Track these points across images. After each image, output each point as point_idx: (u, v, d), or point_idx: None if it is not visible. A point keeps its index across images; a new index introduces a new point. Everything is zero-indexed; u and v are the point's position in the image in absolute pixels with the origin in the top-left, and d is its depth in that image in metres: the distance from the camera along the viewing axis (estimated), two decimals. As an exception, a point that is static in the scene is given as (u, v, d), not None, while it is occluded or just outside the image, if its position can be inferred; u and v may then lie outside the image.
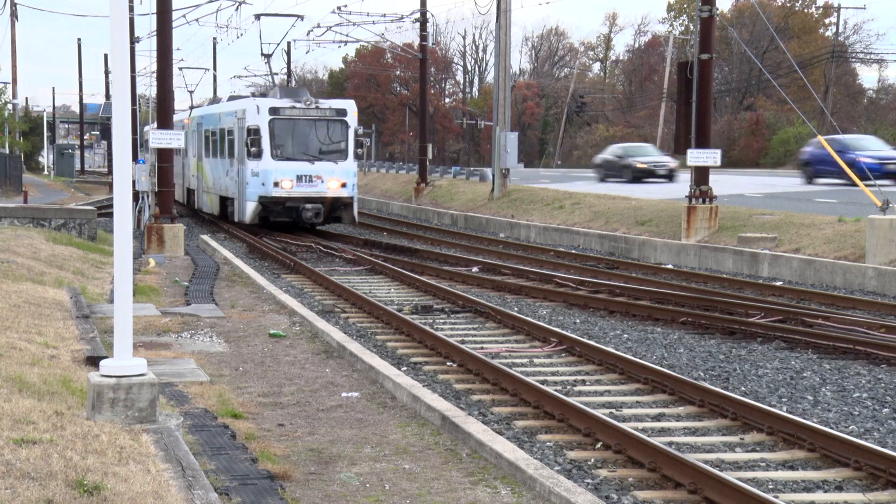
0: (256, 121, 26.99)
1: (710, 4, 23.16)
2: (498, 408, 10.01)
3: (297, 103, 27.27)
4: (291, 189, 26.92)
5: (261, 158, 26.96)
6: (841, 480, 7.80)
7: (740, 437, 8.99)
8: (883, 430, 9.19)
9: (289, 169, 27.00)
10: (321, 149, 27.38)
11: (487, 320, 15.23)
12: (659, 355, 12.59)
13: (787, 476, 7.92)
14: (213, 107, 34.83)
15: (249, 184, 27.37)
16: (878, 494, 7.46)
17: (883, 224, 19.18)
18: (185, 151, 36.84)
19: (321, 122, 27.44)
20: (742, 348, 13.08)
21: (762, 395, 10.52)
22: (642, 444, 8.17)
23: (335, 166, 27.36)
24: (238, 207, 28.44)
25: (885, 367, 11.87)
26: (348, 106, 28.17)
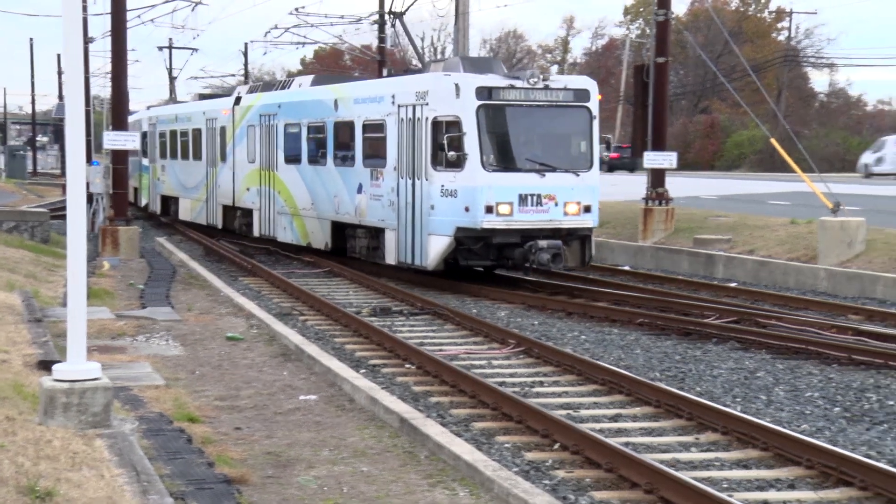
0: (453, 108, 17.31)
1: (666, 8, 23.40)
2: (457, 410, 10.03)
3: (515, 81, 17.53)
4: (511, 216, 17.28)
5: (462, 168, 17.20)
6: (793, 479, 7.91)
7: (696, 437, 9.08)
8: (834, 429, 9.33)
9: (509, 185, 17.28)
10: (555, 153, 17.99)
11: (446, 322, 15.24)
12: (616, 356, 12.68)
13: (741, 475, 8.01)
14: (281, 93, 24.47)
15: (436, 208, 17.55)
16: (829, 492, 7.57)
17: (834, 226, 19.46)
18: (223, 154, 27.35)
19: (555, 111, 17.75)
20: (697, 349, 13.21)
21: (717, 395, 10.63)
22: (599, 445, 8.22)
23: (575, 180, 17.65)
24: (400, 244, 18.51)
25: (836, 366, 12.04)
26: (590, 85, 18.22)
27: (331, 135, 21.35)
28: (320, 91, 22.46)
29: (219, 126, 27.74)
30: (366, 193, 19.69)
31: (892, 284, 17.22)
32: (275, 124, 24.04)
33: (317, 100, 22.26)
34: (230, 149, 26.87)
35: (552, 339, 13.81)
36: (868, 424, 9.53)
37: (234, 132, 26.60)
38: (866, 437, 9.05)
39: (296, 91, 23.84)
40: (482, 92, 17.32)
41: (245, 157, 25.76)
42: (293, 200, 23.07)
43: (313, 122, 22.18)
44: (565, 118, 17.96)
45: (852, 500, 7.42)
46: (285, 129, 23.55)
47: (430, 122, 17.61)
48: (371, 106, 19.69)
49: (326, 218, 21.57)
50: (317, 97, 22.36)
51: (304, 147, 22.63)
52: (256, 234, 25.31)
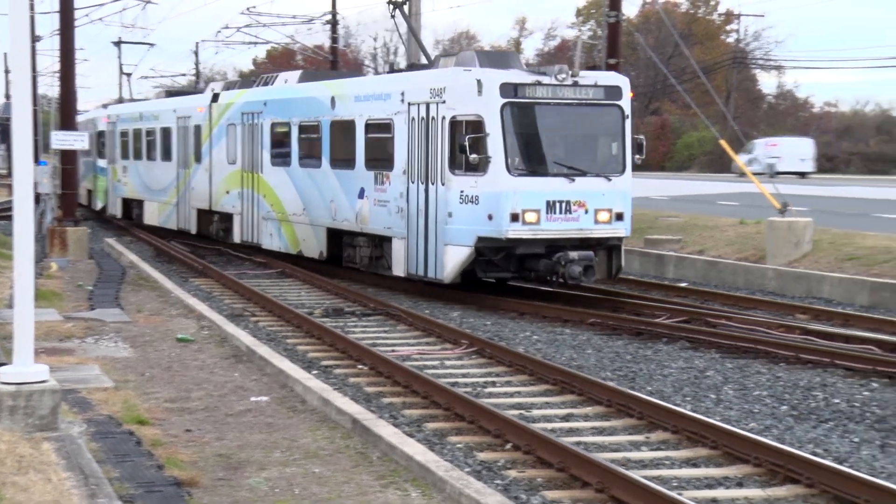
0: (474, 107, 15.74)
1: (617, 10, 23.58)
2: (409, 410, 10.03)
3: (542, 77, 16.05)
4: (538, 224, 15.76)
5: (484, 172, 15.64)
6: (741, 477, 8.01)
7: (646, 436, 9.16)
8: (781, 427, 9.46)
9: (536, 191, 15.76)
10: (585, 156, 16.50)
11: (399, 323, 15.24)
12: (568, 356, 12.76)
13: (690, 473, 8.10)
14: (288, 88, 22.08)
15: (455, 216, 15.99)
16: (776, 490, 7.68)
17: (782, 226, 19.75)
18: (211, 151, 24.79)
19: (585, 110, 16.28)
20: (648, 348, 13.33)
21: (667, 394, 10.74)
22: (551, 445, 8.27)
23: (607, 185, 16.21)
24: (410, 254, 16.96)
25: (783, 365, 12.22)
26: (622, 82, 16.74)
27: (326, 135, 19.72)
28: (314, 88, 20.70)
29: (192, 125, 25.97)
30: (369, 199, 18.08)
31: (838, 284, 17.52)
32: (259, 123, 22.30)
33: (310, 97, 20.44)
34: (206, 149, 25.09)
35: (504, 339, 13.86)
36: (814, 422, 9.68)
37: (210, 131, 24.84)
38: (813, 435, 9.20)
39: (284, 88, 22.18)
40: (507, 89, 15.77)
41: (224, 158, 24.01)
42: (281, 205, 21.40)
43: (306, 121, 20.48)
44: (596, 117, 16.46)
45: (799, 498, 7.53)
46: (272, 128, 21.89)
47: (448, 122, 16.04)
48: (375, 104, 18.10)
49: (321, 224, 19.92)
50: (310, 94, 20.53)
51: (294, 148, 20.96)
52: (237, 240, 23.45)
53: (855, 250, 19.19)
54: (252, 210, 22.75)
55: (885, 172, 63.23)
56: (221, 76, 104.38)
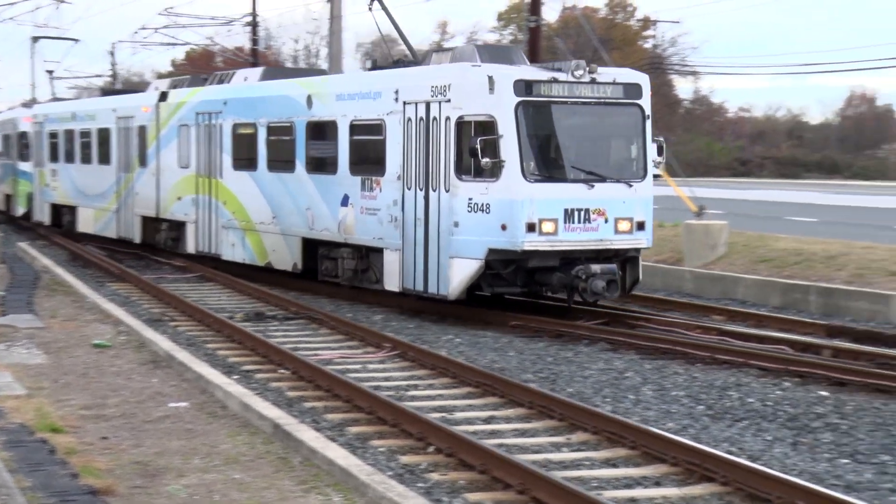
0: (485, 106, 14.48)
1: (537, 14, 23.82)
2: (331, 414, 9.98)
3: (557, 73, 14.75)
4: (555, 235, 14.50)
5: (497, 178, 14.34)
6: (659, 476, 8.14)
7: (567, 438, 9.26)
8: (698, 427, 9.64)
9: (553, 199, 14.51)
10: (605, 159, 15.39)
11: (321, 327, 15.15)
12: (490, 359, 12.82)
13: (610, 474, 8.21)
14: (244, 86, 20.62)
15: (462, 226, 14.66)
16: (692, 489, 7.82)
17: (698, 229, 20.15)
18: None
19: (603, 110, 15.08)
20: (569, 350, 13.47)
21: (587, 395, 10.87)
22: (473, 447, 8.31)
23: (627, 192, 14.99)
24: (406, 267, 15.61)
25: (700, 366, 12.45)
26: (642, 79, 15.56)
27: (301, 137, 18.14)
28: (285, 86, 19.10)
29: (136, 125, 24.23)
30: (354, 206, 16.68)
31: (752, 285, 17.92)
32: (218, 124, 20.66)
33: (281, 96, 18.89)
34: (153, 151, 23.35)
35: (427, 342, 13.88)
36: (730, 421, 9.89)
37: (158, 132, 23.11)
38: (728, 434, 9.39)
39: (247, 86, 20.59)
40: (521, 86, 14.43)
41: (175, 162, 22.32)
42: (245, 213, 19.78)
43: (276, 121, 18.91)
44: (615, 118, 15.26)
45: (714, 496, 7.68)
46: (234, 129, 20.26)
47: (454, 123, 14.68)
48: (363, 103, 16.66)
49: (295, 234, 18.34)
50: (281, 93, 18.99)
51: (261, 151, 19.35)
52: (191, 250, 21.75)
53: (768, 252, 19.67)
54: (209, 218, 21.05)
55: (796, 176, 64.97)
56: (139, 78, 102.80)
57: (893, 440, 9.16)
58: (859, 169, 77.16)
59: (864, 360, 12.25)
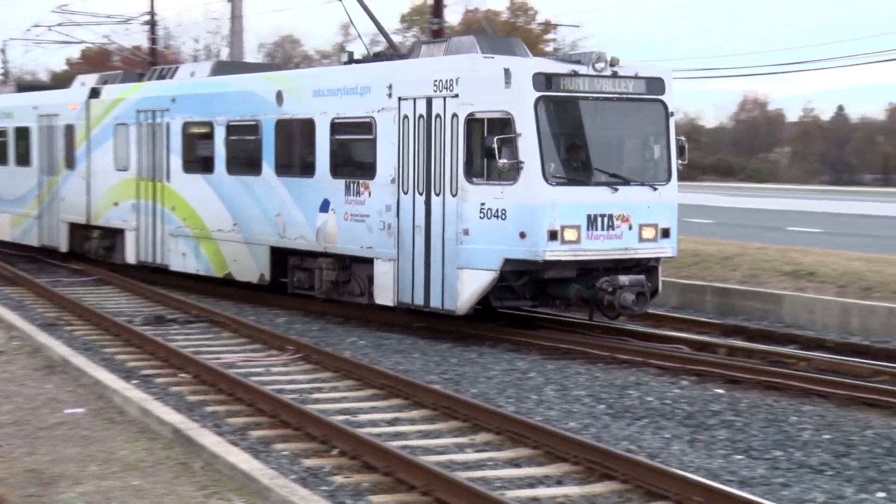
0: (500, 102, 13.32)
1: (440, 17, 24.01)
2: (233, 418, 9.86)
3: (577, 66, 13.58)
4: (578, 243, 13.38)
5: (514, 181, 13.19)
6: (561, 475, 8.26)
7: (471, 438, 9.32)
8: (599, 426, 9.81)
9: (576, 203, 13.42)
10: (628, 160, 14.41)
11: (223, 330, 14.96)
12: (394, 360, 12.83)
13: (513, 473, 8.29)
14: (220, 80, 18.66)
15: (473, 234, 13.48)
16: (593, 487, 7.95)
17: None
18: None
19: (626, 106, 13.99)
20: (473, 351, 13.55)
21: (491, 396, 10.95)
22: (377, 449, 8.31)
23: (652, 196, 13.96)
24: (403, 279, 14.30)
25: (601, 365, 12.66)
26: (664, 74, 14.38)
27: (270, 137, 16.73)
28: (249, 81, 17.75)
29: (61, 124, 22.38)
30: (336, 212, 15.36)
31: (652, 287, 18.26)
32: (165, 123, 19.08)
33: (244, 92, 17.46)
34: (83, 153, 21.60)
35: (331, 344, 13.81)
36: (629, 420, 10.08)
37: (88, 132, 21.42)
38: (628, 433, 9.57)
39: (201, 81, 18.97)
40: (541, 80, 13.23)
41: (110, 164, 20.67)
42: (199, 220, 18.26)
43: (238, 120, 17.49)
44: (638, 115, 14.14)
45: (614, 493, 7.82)
46: (185, 129, 18.71)
47: (464, 121, 13.44)
48: (347, 100, 15.31)
49: (261, 242, 16.87)
50: (243, 88, 17.56)
51: (219, 152, 17.88)
52: (131, 260, 20.15)
53: (667, 254, 20.07)
54: (154, 225, 19.41)
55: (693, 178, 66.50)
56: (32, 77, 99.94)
57: (785, 436, 9.46)
58: (752, 171, 79.51)
59: (758, 359, 12.62)
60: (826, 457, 8.78)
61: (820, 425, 9.81)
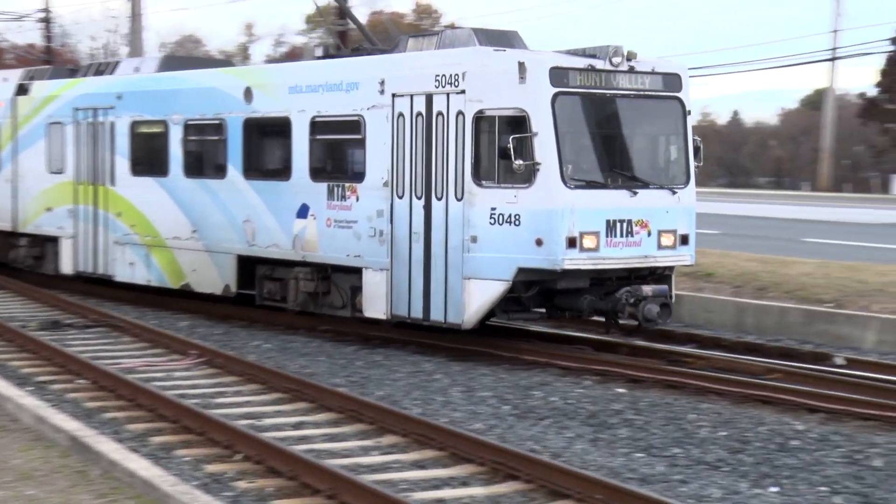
0: (514, 98, 12.49)
1: (345, 19, 23.95)
2: (133, 425, 9.67)
3: (594, 61, 12.80)
4: (597, 251, 12.54)
5: (530, 184, 12.33)
6: (467, 476, 8.30)
7: (377, 441, 9.31)
8: (504, 426, 9.88)
9: (595, 208, 12.61)
10: (646, 162, 13.55)
11: (124, 334, 14.66)
12: (300, 364, 12.74)
13: (418, 475, 8.30)
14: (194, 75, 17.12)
15: (482, 241, 12.61)
16: (498, 487, 8.01)
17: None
18: None
19: (643, 104, 13.26)
20: (379, 354, 13.53)
21: (397, 398, 10.95)
22: (281, 453, 8.24)
23: (671, 200, 13.18)
24: (398, 291, 13.40)
25: (506, 366, 12.76)
26: (681, 70, 13.67)
27: (237, 137, 15.59)
28: (211, 76, 16.69)
29: None
30: (317, 218, 14.32)
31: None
32: (109, 122, 17.78)
33: (206, 88, 16.29)
34: (8, 154, 20.16)
35: (235, 348, 13.65)
36: (534, 420, 10.18)
37: (15, 132, 19.93)
38: (532, 433, 9.67)
39: (153, 77, 17.63)
40: (557, 75, 12.41)
41: (42, 166, 19.22)
42: (150, 226, 17.02)
43: (198, 119, 16.31)
44: (656, 113, 13.38)
45: (519, 493, 7.89)
46: (133, 128, 17.42)
47: (472, 119, 12.54)
48: (330, 97, 14.25)
49: (226, 251, 15.73)
50: (204, 84, 16.42)
51: (174, 153, 16.62)
52: (67, 270, 18.59)
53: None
54: (96, 232, 18.08)
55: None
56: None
57: (683, 433, 9.67)
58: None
59: (658, 358, 12.87)
60: (722, 453, 9.00)
61: (716, 422, 10.06)
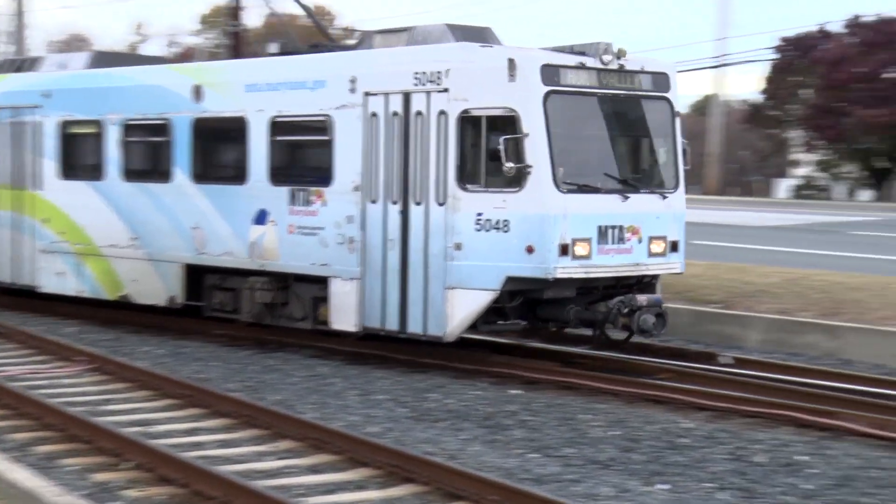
0: (503, 97, 11.87)
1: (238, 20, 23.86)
2: (16, 434, 9.38)
3: (584, 58, 12.21)
4: (589, 259, 11.96)
5: (520, 187, 11.72)
6: (362, 480, 8.27)
7: (272, 446, 9.22)
8: (400, 429, 9.88)
9: (588, 213, 12.03)
10: (636, 164, 13.04)
11: (7, 340, 14.20)
12: (193, 369, 12.54)
13: (314, 480, 8.24)
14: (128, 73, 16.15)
15: (467, 248, 11.94)
16: (394, 490, 8.00)
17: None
18: None
19: (633, 103, 12.73)
20: (275, 358, 13.41)
21: (293, 402, 10.86)
22: (173, 461, 8.09)
23: (661, 205, 12.63)
24: (371, 301, 12.74)
25: (402, 369, 12.77)
26: (669, 69, 13.10)
27: (184, 138, 14.69)
28: (156, 74, 15.76)
29: None
30: (278, 224, 13.55)
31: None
32: (33, 122, 16.67)
33: (148, 86, 15.35)
34: None
35: (125, 354, 13.35)
36: (430, 423, 10.21)
37: None
38: (428, 435, 9.69)
39: (85, 74, 16.46)
40: (549, 73, 11.80)
41: None
42: (82, 233, 16.02)
43: (139, 119, 15.38)
44: (646, 114, 12.79)
45: (414, 496, 7.90)
46: (63, 129, 16.30)
47: (457, 119, 11.88)
48: (293, 95, 13.49)
49: (172, 259, 14.85)
50: (146, 82, 15.46)
51: (111, 156, 15.62)
52: None
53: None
54: (19, 240, 16.95)
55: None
56: None
57: (576, 434, 9.82)
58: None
59: (553, 360, 13.03)
60: (614, 452, 9.17)
61: (609, 422, 10.24)
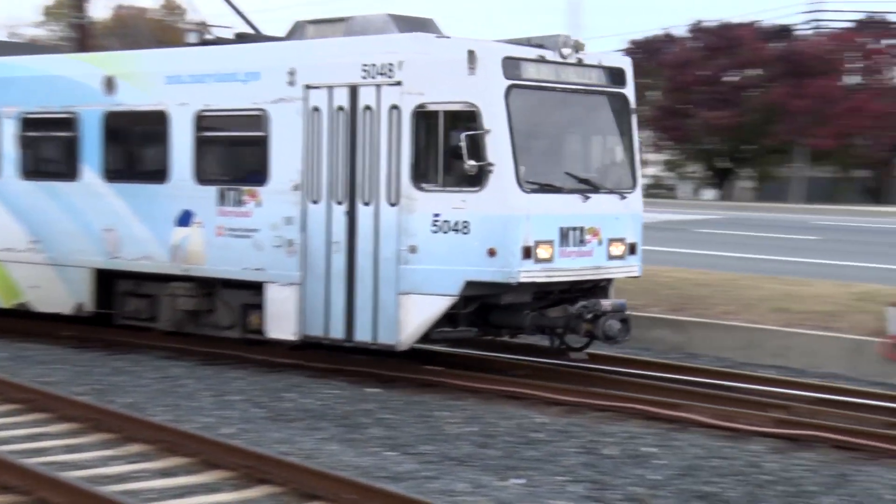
0: (462, 91, 11.27)
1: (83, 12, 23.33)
2: None
3: (544, 51, 11.73)
4: (551, 262, 11.44)
5: (481, 186, 11.15)
6: (216, 482, 8.15)
7: (122, 450, 8.99)
8: (256, 430, 9.77)
9: (550, 214, 11.52)
10: (595, 163, 12.59)
11: None
12: (37, 373, 12.11)
13: (165, 484, 8.08)
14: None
15: (423, 251, 11.35)
16: (249, 492, 7.91)
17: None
18: None
19: (591, 99, 12.35)
20: (125, 360, 13.08)
21: (144, 405, 10.62)
22: (13, 467, 7.80)
23: (620, 206, 12.22)
24: (312, 308, 12.06)
25: (257, 369, 12.63)
26: (625, 64, 12.61)
27: (94, 133, 13.80)
28: (59, 63, 14.86)
29: None
30: (204, 226, 12.83)
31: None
32: None
33: (51, 76, 14.39)
34: None
35: (-37, 358, 12.78)
36: (286, 423, 10.14)
37: None
38: (283, 435, 9.62)
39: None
40: (510, 66, 11.26)
41: None
42: None
43: (40, 112, 14.41)
44: (603, 110, 12.39)
45: (270, 497, 7.83)
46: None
47: (411, 114, 11.28)
48: (223, 88, 12.72)
49: (80, 264, 13.94)
50: (50, 72, 14.48)
51: (6, 152, 14.67)
52: None
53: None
54: None
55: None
56: None
57: (433, 431, 9.92)
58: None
59: (411, 359, 13.10)
60: (470, 448, 9.30)
61: (465, 419, 10.38)
